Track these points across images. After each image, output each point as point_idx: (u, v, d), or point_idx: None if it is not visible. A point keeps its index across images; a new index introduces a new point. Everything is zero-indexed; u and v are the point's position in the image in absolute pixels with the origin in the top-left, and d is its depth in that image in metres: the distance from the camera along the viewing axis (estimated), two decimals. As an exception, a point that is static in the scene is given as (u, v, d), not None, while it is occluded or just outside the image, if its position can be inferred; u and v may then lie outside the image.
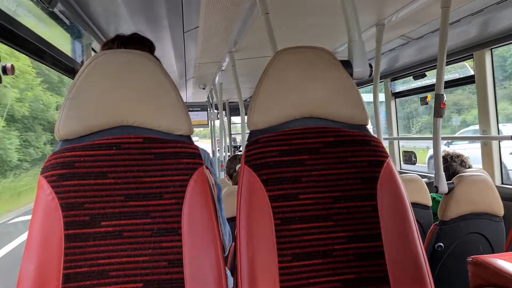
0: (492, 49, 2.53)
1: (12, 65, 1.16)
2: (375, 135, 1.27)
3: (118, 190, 0.91)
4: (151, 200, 0.91)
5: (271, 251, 0.94)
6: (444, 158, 2.37)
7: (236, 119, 8.06)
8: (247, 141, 1.06)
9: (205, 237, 0.91)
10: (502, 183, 2.60)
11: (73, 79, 1.10)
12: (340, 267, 0.95)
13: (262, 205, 0.96)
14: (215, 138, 7.22)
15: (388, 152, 1.07)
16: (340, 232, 0.96)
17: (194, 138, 1.04)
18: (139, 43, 1.26)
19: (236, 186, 1.02)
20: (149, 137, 0.96)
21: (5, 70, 1.16)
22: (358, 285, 0.94)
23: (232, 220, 1.34)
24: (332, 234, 0.96)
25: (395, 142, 3.91)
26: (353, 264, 0.95)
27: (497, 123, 2.58)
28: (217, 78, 4.42)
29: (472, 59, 2.67)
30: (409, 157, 3.70)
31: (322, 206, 0.97)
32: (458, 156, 2.44)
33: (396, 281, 0.94)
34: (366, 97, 3.98)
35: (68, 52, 2.06)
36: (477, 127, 2.68)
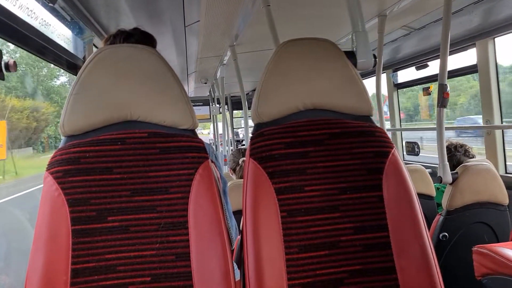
0: (495, 38, 2.52)
1: (14, 62, 1.15)
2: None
3: (124, 185, 0.91)
4: (157, 195, 0.91)
5: (277, 243, 0.94)
6: (448, 148, 2.36)
7: (238, 113, 8.05)
8: (251, 134, 1.06)
9: (212, 231, 0.91)
10: (506, 173, 2.59)
11: (75, 75, 1.10)
12: (347, 258, 0.95)
13: (268, 198, 0.96)
14: (218, 133, 7.21)
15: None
16: (347, 223, 0.96)
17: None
18: (142, 38, 1.26)
19: (241, 180, 1.01)
20: (154, 131, 0.96)
21: (7, 67, 1.15)
22: (365, 275, 0.94)
23: (237, 213, 1.34)
24: (339, 225, 0.96)
25: (398, 133, 3.90)
26: (360, 254, 0.95)
27: (501, 112, 2.57)
28: (218, 72, 4.40)
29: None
30: (412, 148, 3.69)
31: (328, 198, 0.97)
32: (462, 146, 2.43)
33: (402, 271, 0.94)
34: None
35: (70, 48, 2.05)
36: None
